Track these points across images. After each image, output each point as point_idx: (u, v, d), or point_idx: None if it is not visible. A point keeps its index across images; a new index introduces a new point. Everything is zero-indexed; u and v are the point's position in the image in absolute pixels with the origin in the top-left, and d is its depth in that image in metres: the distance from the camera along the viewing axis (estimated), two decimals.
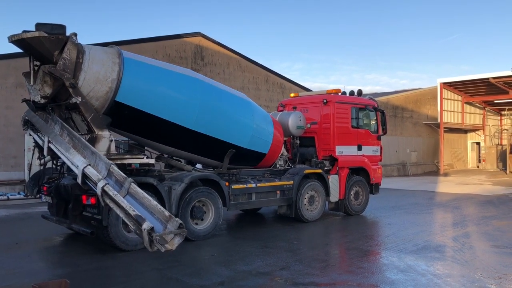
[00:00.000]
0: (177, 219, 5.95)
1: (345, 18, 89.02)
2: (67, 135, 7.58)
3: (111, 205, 6.28)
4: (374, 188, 13.17)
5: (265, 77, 25.48)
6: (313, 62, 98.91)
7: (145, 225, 5.61)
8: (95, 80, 7.94)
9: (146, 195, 6.43)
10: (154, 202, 6.26)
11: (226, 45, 23.69)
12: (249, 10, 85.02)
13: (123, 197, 6.21)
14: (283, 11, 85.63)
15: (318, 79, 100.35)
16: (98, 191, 6.30)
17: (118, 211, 6.17)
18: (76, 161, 6.96)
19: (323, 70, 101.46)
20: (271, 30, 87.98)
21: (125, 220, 6.08)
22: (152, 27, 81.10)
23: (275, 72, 26.10)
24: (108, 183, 6.34)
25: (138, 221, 5.75)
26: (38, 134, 8.06)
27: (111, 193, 6.19)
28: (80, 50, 7.90)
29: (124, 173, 7.49)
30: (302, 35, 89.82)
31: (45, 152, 7.84)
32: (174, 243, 5.80)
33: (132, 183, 6.50)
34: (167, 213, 6.06)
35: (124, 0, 75.28)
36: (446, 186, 22.89)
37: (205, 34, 22.70)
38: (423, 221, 11.95)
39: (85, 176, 6.69)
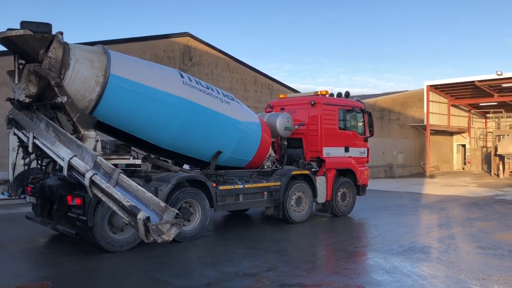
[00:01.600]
0: (173, 209, 5.83)
1: (332, 19, 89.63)
2: (53, 131, 7.51)
3: (102, 197, 6.18)
4: (361, 189, 13.23)
5: (253, 78, 25.48)
6: (300, 64, 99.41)
7: (140, 215, 5.51)
8: (81, 80, 7.85)
9: (140, 187, 6.32)
10: (148, 194, 6.14)
11: (215, 45, 23.66)
12: (237, 11, 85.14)
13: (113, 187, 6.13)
14: (271, 12, 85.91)
15: (306, 81, 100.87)
16: (86, 182, 6.23)
17: (110, 203, 6.04)
18: (62, 153, 6.92)
19: (310, 72, 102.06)
20: (259, 31, 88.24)
21: (119, 212, 5.97)
22: (140, 26, 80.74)
23: (264, 73, 26.12)
24: (96, 174, 6.27)
25: (133, 211, 5.63)
26: (23, 131, 7.96)
27: (102, 185, 6.09)
28: (66, 49, 7.81)
29: None
30: (289, 36, 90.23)
31: (30, 149, 7.74)
32: (170, 233, 5.67)
33: (121, 174, 6.40)
34: (162, 204, 5.95)
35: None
36: (432, 187, 23.12)
37: (193, 34, 22.63)
38: (409, 223, 12.04)
39: (71, 167, 6.65)
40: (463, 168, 38.44)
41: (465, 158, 38.79)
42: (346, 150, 12.69)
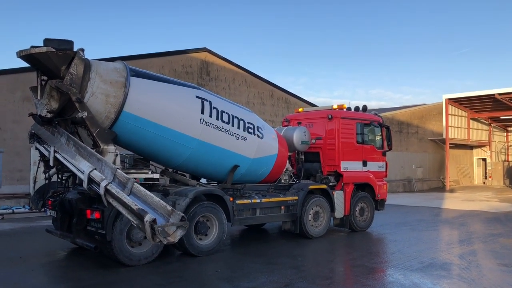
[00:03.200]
0: (179, 212, 6.17)
1: (348, 33, 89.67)
2: (73, 145, 7.70)
3: (114, 203, 6.43)
4: (379, 204, 13.08)
5: (270, 92, 25.58)
6: (316, 77, 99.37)
7: (147, 217, 5.82)
8: (102, 95, 8.00)
9: (148, 192, 6.60)
10: (156, 199, 6.45)
11: (232, 60, 23.87)
12: (254, 26, 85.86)
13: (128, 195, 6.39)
14: (286, 26, 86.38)
15: (322, 94, 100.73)
16: (101, 190, 6.49)
17: (121, 208, 6.33)
18: (82, 167, 7.12)
19: (326, 85, 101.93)
20: (275, 44, 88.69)
21: (128, 216, 6.24)
22: (159, 42, 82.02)
23: (280, 87, 26.21)
24: (110, 182, 6.52)
25: (141, 214, 5.94)
26: (44, 145, 8.14)
27: (113, 191, 6.37)
28: (87, 65, 7.98)
29: None
30: (305, 50, 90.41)
31: (51, 162, 7.92)
32: (176, 235, 6.04)
33: (135, 183, 6.68)
34: (169, 207, 6.26)
35: (133, 15, 76.26)
36: (452, 202, 22.70)
37: (211, 49, 22.89)
38: (429, 238, 11.83)
39: (91, 180, 6.85)
40: (484, 183, 37.72)
41: (485, 172, 38.10)
42: (364, 164, 12.58)
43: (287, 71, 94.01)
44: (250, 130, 10.10)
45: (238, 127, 9.82)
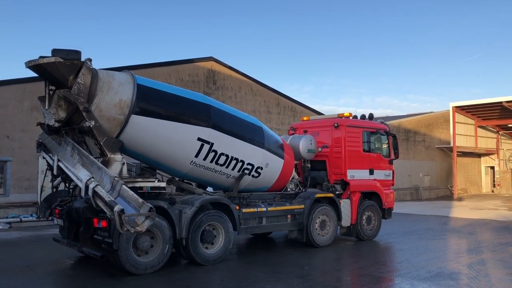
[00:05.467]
0: (148, 204, 6.78)
1: (353, 40, 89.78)
2: (77, 154, 7.82)
3: (98, 201, 6.92)
4: (386, 212, 13.02)
5: (276, 100, 25.62)
6: (322, 85, 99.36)
7: (116, 208, 6.50)
8: (109, 105, 8.06)
9: (126, 187, 7.08)
10: (131, 192, 6.99)
11: (238, 69, 23.96)
12: (258, 34, 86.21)
13: (114, 199, 6.86)
14: (291, 34, 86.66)
15: (327, 102, 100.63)
16: (90, 192, 6.88)
17: (98, 201, 6.88)
18: (81, 175, 7.29)
19: (332, 93, 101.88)
20: (279, 52, 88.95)
21: (104, 209, 6.80)
22: (166, 52, 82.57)
23: (286, 96, 26.24)
24: (98, 184, 6.94)
25: (111, 205, 6.58)
26: (50, 154, 8.21)
27: (98, 190, 6.83)
28: (94, 75, 8.05)
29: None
30: (310, 58, 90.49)
31: (54, 171, 8.08)
32: (144, 225, 6.76)
33: (123, 185, 7.06)
34: (140, 200, 6.86)
35: (139, 25, 76.94)
36: (460, 211, 22.53)
37: (217, 58, 23.01)
38: (437, 247, 11.73)
39: (87, 188, 7.03)
40: (492, 191, 37.41)
41: (494, 181, 37.79)
42: (371, 172, 12.54)
43: (292, 79, 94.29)
44: (246, 171, 10.09)
45: (233, 169, 9.84)
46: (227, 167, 9.71)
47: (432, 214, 20.63)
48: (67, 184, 9.05)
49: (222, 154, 9.46)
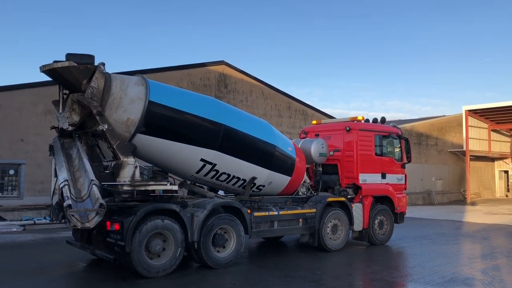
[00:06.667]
0: (101, 201, 6.89)
1: (364, 44, 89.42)
2: (77, 157, 7.95)
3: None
4: (399, 217, 12.92)
5: (287, 104, 25.62)
6: (333, 88, 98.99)
7: (65, 204, 6.71)
8: (116, 122, 8.13)
9: (95, 188, 7.11)
10: (96, 191, 7.03)
11: (249, 73, 24.03)
12: (268, 37, 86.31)
13: (85, 198, 7.13)
14: (301, 38, 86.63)
15: (338, 105, 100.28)
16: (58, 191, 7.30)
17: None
18: (60, 178, 7.45)
19: (343, 96, 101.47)
20: (290, 56, 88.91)
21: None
22: (177, 56, 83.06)
23: (297, 99, 26.24)
24: (67, 185, 7.12)
25: (64, 200, 6.80)
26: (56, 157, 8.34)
27: (63, 189, 7.04)
28: (107, 79, 8.13)
29: (147, 199, 8.00)
30: (320, 62, 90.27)
31: (52, 174, 8.13)
32: (93, 221, 6.88)
33: (94, 186, 7.14)
34: (97, 197, 6.95)
35: (152, 29, 77.57)
36: (474, 215, 22.26)
37: (229, 62, 23.10)
38: (450, 252, 11.60)
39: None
40: (506, 195, 36.96)
41: (508, 185, 37.32)
42: (383, 176, 12.47)
43: (303, 82, 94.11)
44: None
45: (234, 185, 9.99)
46: (227, 183, 9.89)
47: (445, 219, 20.43)
48: None
49: (223, 173, 9.59)
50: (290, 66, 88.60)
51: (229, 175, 9.66)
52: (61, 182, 7.16)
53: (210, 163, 9.19)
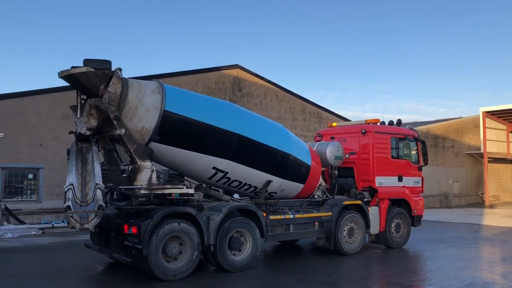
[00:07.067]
0: (101, 203, 7.00)
1: (378, 46, 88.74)
2: (91, 162, 8.07)
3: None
4: (416, 220, 12.80)
5: (301, 107, 25.57)
6: (347, 91, 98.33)
7: (65, 205, 6.87)
8: (131, 129, 8.19)
9: (99, 191, 7.20)
10: (98, 194, 7.15)
11: (263, 76, 24.05)
12: (282, 40, 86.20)
13: (90, 201, 7.27)
14: (315, 40, 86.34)
15: (353, 108, 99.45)
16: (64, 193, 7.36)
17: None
18: (67, 182, 7.55)
19: (358, 99, 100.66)
20: (304, 58, 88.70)
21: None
22: (191, 59, 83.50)
23: (312, 102, 26.17)
24: (70, 189, 7.24)
25: (65, 202, 6.95)
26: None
27: (67, 193, 7.15)
28: (124, 84, 8.22)
29: (164, 203, 8.05)
30: (334, 64, 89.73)
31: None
32: (91, 223, 7.00)
33: (98, 189, 7.25)
34: (98, 199, 7.07)
35: (166, 34, 78.24)
36: (492, 218, 21.91)
37: (243, 65, 23.16)
38: (469, 256, 11.44)
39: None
40: None
41: None
42: (400, 179, 12.36)
43: (317, 85, 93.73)
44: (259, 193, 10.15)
45: (245, 191, 10.16)
46: (239, 189, 10.02)
47: (463, 222, 20.14)
48: None
49: (235, 180, 9.66)
50: (305, 69, 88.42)
51: (240, 182, 9.75)
52: (66, 186, 7.34)
53: (222, 171, 9.28)
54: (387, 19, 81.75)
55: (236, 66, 22.93)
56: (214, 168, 9.17)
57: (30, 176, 17.07)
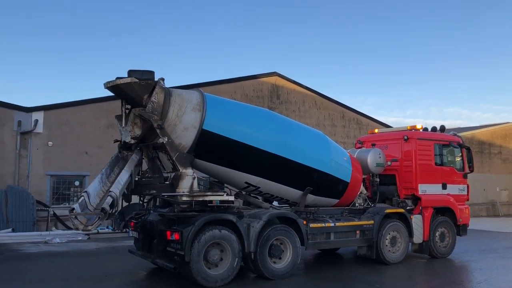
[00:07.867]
0: (103, 206, 7.31)
1: (420, 51, 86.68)
2: (121, 169, 8.39)
3: None
4: (461, 229, 12.38)
5: (340, 113, 25.34)
6: (387, 96, 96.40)
7: (71, 208, 7.23)
8: (175, 134, 8.39)
9: (109, 196, 7.55)
10: (107, 199, 7.46)
11: (301, 83, 24.01)
12: (319, 45, 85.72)
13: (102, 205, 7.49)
14: (353, 45, 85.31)
15: (393, 114, 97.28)
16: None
17: None
18: (86, 188, 8.17)
19: (398, 104, 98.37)
20: (342, 63, 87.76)
21: None
22: (231, 68, 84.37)
23: (351, 108, 25.89)
24: (83, 196, 7.68)
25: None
26: None
27: (84, 197, 7.60)
28: (167, 93, 8.43)
29: (205, 210, 8.33)
30: (374, 68, 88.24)
31: None
32: (94, 225, 7.36)
33: (109, 196, 7.58)
34: (104, 203, 7.39)
35: (206, 45, 79.49)
36: None
37: (281, 73, 23.23)
38: None
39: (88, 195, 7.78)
40: None
41: None
42: (444, 187, 12.02)
43: (355, 90, 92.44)
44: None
45: (278, 201, 10.47)
46: (270, 198, 10.28)
47: None
48: (141, 198, 9.48)
49: (266, 193, 9.91)
50: (343, 75, 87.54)
51: (272, 195, 10.00)
52: (83, 192, 7.84)
53: (254, 186, 9.49)
54: (429, 24, 79.81)
55: (274, 74, 23.03)
56: (246, 182, 9.40)
57: (77, 183, 17.73)
